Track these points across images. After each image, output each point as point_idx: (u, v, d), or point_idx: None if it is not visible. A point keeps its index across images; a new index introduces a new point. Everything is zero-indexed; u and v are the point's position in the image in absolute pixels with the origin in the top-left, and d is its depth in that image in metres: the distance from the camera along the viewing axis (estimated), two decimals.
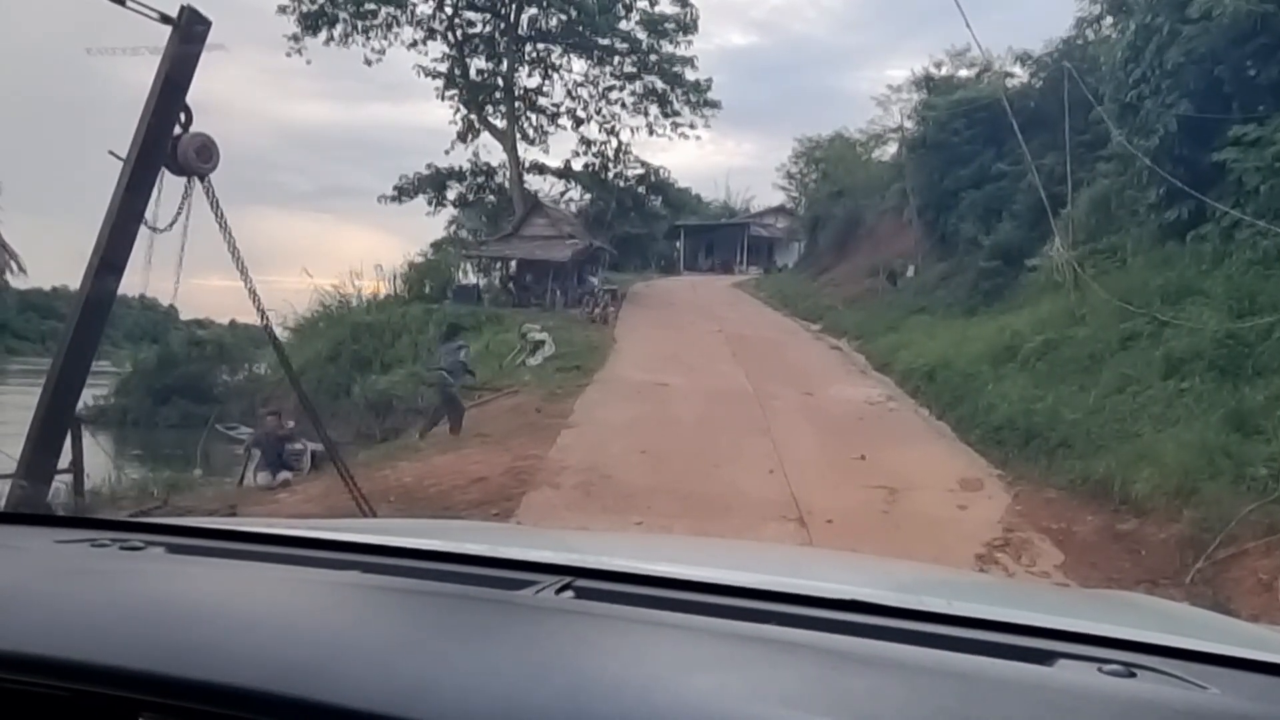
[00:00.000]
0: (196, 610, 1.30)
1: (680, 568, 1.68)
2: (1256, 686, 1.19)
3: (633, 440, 12.79)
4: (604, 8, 34.17)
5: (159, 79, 7.10)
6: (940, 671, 1.16)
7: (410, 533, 2.29)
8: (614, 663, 1.16)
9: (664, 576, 1.56)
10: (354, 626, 1.29)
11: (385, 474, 11.64)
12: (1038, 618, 1.45)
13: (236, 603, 1.37)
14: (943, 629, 1.33)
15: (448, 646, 1.21)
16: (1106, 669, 1.17)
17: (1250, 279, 12.03)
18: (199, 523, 2.05)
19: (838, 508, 9.75)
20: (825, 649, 1.22)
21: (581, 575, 1.52)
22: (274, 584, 1.52)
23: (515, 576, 1.52)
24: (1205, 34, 13.77)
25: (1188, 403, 10.71)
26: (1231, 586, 7.31)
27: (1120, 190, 17.19)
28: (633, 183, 40.49)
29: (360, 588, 1.49)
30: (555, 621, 1.32)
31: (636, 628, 1.29)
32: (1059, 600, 2.71)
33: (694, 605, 1.40)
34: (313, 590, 1.48)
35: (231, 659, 1.09)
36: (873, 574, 2.53)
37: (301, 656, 1.12)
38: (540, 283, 30.55)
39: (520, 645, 1.19)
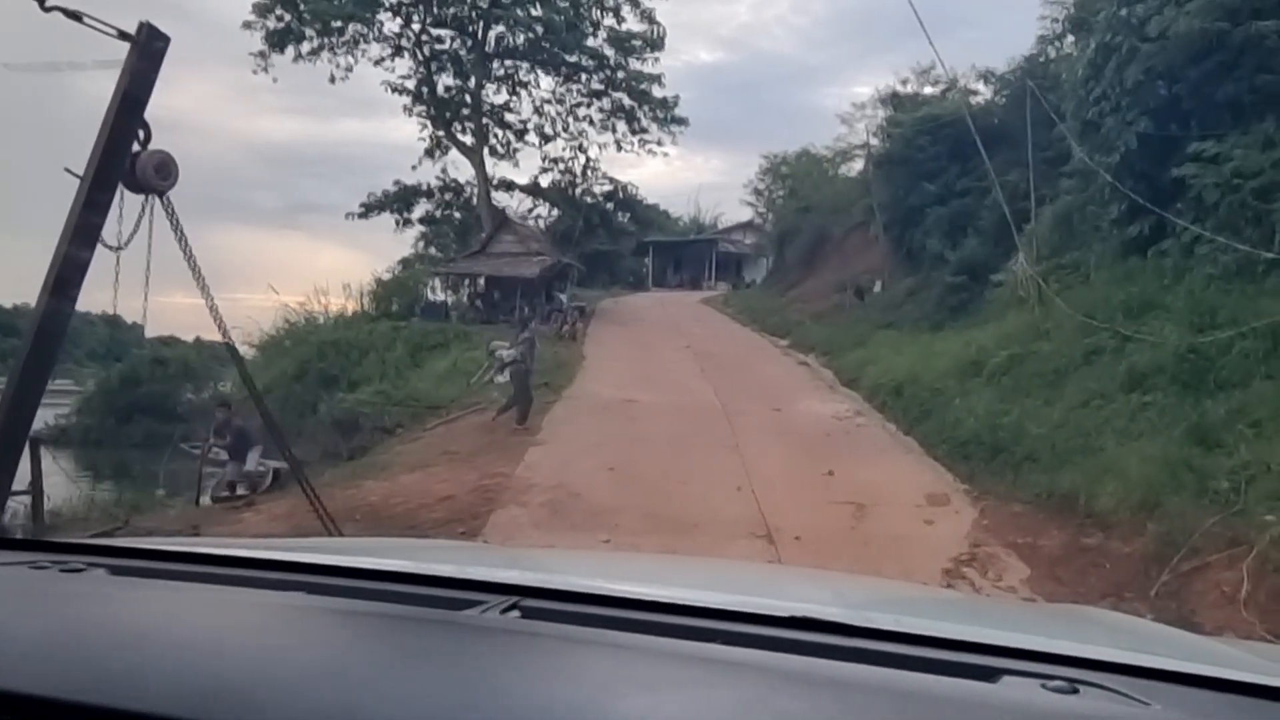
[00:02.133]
0: (131, 635, 1.26)
1: (629, 586, 1.67)
2: (1198, 702, 1.20)
3: (601, 457, 12.72)
4: (571, 25, 34.26)
5: (117, 95, 6.98)
6: (883, 690, 1.16)
7: (362, 552, 2.26)
8: (549, 685, 1.14)
9: (613, 595, 1.55)
10: (290, 650, 1.26)
11: (351, 493, 11.50)
12: (985, 633, 1.44)
13: (173, 626, 1.33)
14: (889, 646, 1.32)
15: (382, 669, 1.18)
16: (1050, 685, 1.17)
17: (1210, 294, 12.19)
18: (143, 543, 1.98)
19: (806, 524, 9.75)
20: (768, 668, 1.21)
21: (530, 595, 1.51)
22: (215, 606, 1.48)
23: (462, 596, 1.50)
24: (1164, 52, 14.01)
25: (1150, 417, 10.81)
26: (1196, 599, 7.36)
27: (1083, 206, 17.42)
28: (601, 199, 40.55)
29: (302, 609, 1.47)
30: (496, 642, 1.30)
31: (579, 648, 1.28)
32: (1010, 615, 2.69)
33: (641, 624, 1.38)
34: (253, 612, 1.45)
35: (159, 686, 1.06)
36: (827, 590, 2.53)
37: (230, 682, 1.08)
38: (508, 299, 30.43)
39: (457, 667, 1.18)
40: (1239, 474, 8.63)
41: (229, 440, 13.58)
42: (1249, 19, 12.89)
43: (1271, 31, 12.65)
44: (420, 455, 13.90)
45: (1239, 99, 13.19)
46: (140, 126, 7.16)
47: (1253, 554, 7.24)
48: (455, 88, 37.11)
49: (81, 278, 7.08)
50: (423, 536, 9.14)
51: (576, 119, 37.93)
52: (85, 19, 6.76)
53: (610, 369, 21.27)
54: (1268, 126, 12.57)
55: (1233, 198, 12.47)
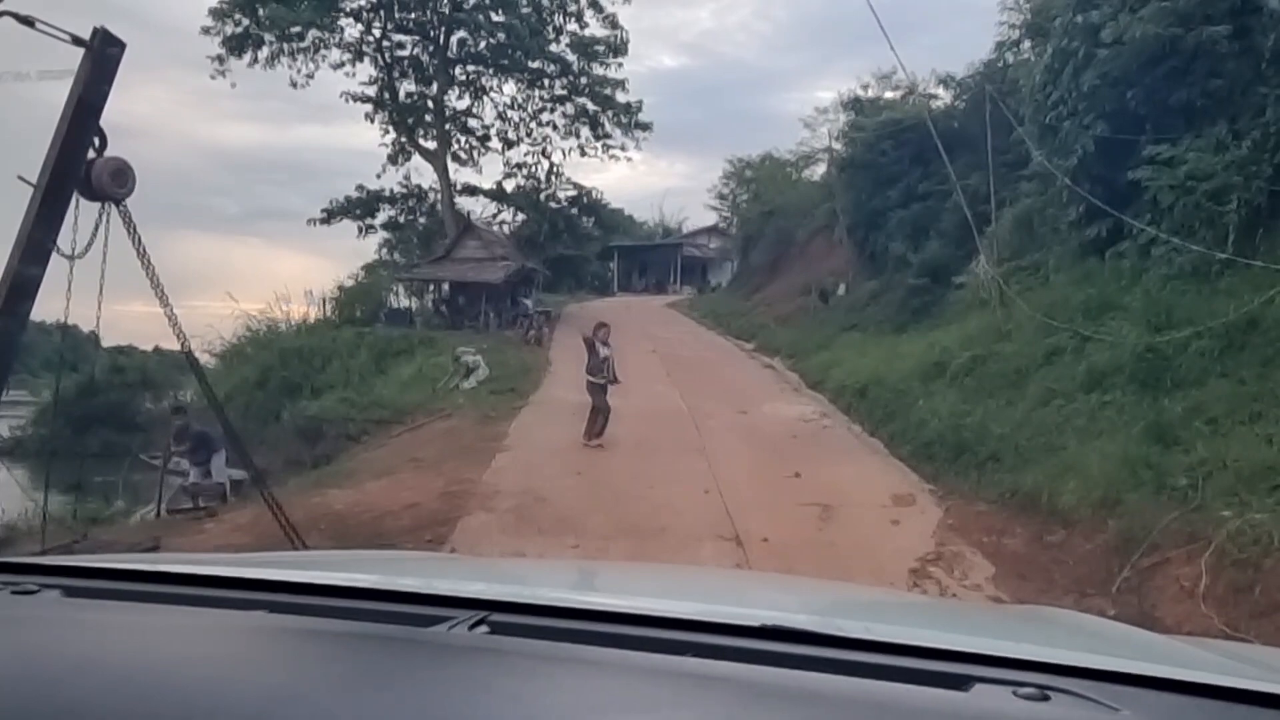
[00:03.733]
0: (86, 661, 1.23)
1: (599, 597, 1.67)
2: (1167, 706, 1.21)
3: (568, 462, 12.70)
4: (534, 31, 34.15)
5: (71, 102, 6.88)
6: (856, 701, 1.16)
7: (327, 566, 2.22)
8: (517, 707, 1.12)
9: (581, 608, 1.53)
10: (250, 673, 1.24)
11: (316, 501, 11.37)
12: (956, 640, 1.44)
13: (130, 651, 1.30)
14: (860, 655, 1.33)
15: (345, 692, 1.16)
16: (1021, 692, 1.18)
17: (1167, 294, 12.38)
18: (100, 562, 1.92)
19: (773, 527, 9.78)
20: (740, 681, 1.20)
21: (496, 609, 1.48)
22: (173, 629, 1.44)
23: (428, 613, 1.48)
24: (1118, 57, 14.22)
25: (1110, 415, 10.96)
26: (1156, 594, 7.48)
27: (1042, 209, 17.65)
28: (565, 204, 40.39)
29: (263, 630, 1.44)
30: (463, 660, 1.29)
31: (547, 665, 1.26)
32: (979, 620, 2.71)
33: (611, 638, 1.37)
34: (213, 635, 1.42)
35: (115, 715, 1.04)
36: (797, 597, 2.53)
37: (189, 710, 1.07)
38: (473, 305, 30.29)
39: (422, 688, 1.15)
40: (1196, 471, 8.77)
41: (189, 448, 13.32)
42: (1201, 24, 13.11)
43: (1222, 36, 12.88)
44: (386, 462, 13.79)
45: (1192, 103, 13.41)
46: (95, 134, 7.06)
47: (1210, 549, 7.35)
48: (417, 93, 36.83)
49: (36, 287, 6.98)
50: (390, 545, 9.07)
51: (540, 124, 37.80)
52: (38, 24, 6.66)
53: (576, 374, 20.98)
54: (1219, 130, 12.78)
55: (1187, 200, 12.65)
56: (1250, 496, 7.92)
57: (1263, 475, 8.10)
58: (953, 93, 26.07)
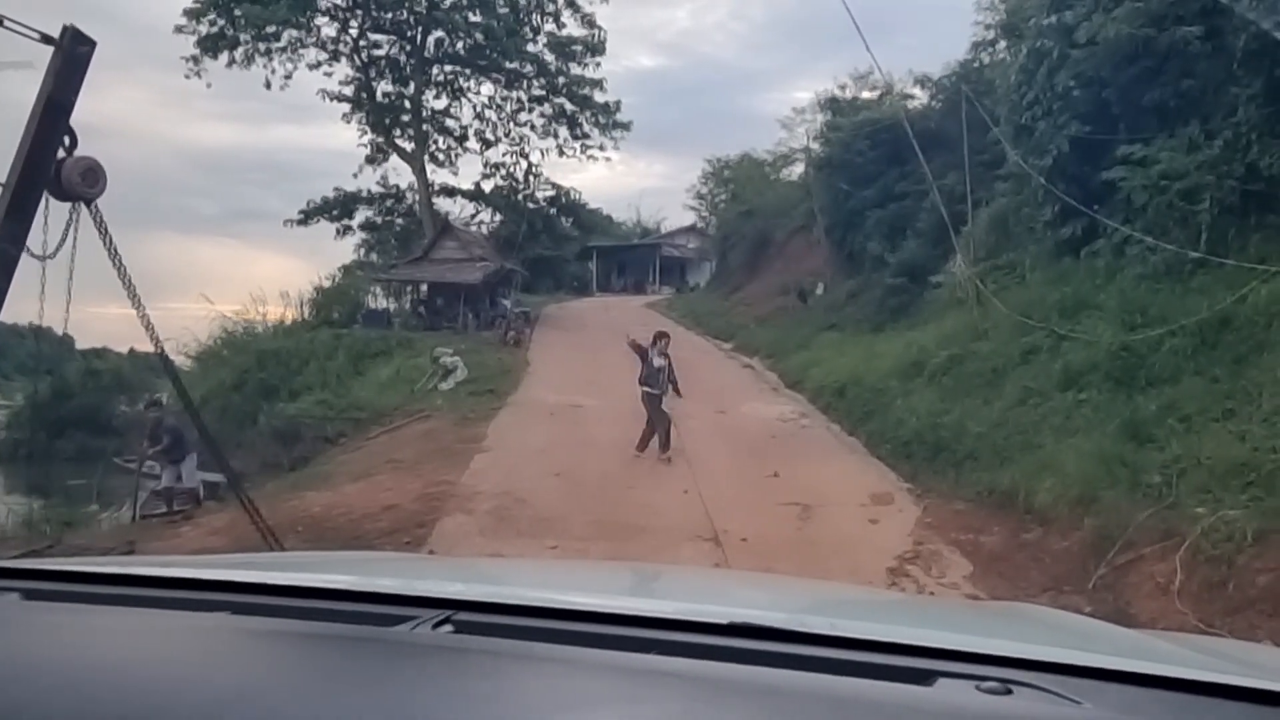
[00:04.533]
0: (42, 664, 1.22)
1: (563, 595, 1.66)
2: (1127, 699, 1.22)
3: (547, 463, 12.66)
4: (511, 31, 34.07)
5: (40, 100, 6.77)
6: (818, 697, 1.16)
7: (295, 567, 2.21)
8: (477, 705, 1.12)
9: (548, 607, 1.54)
10: (209, 674, 1.23)
11: (293, 504, 11.29)
12: (921, 635, 1.45)
13: (88, 654, 1.29)
14: (825, 651, 1.33)
15: (305, 692, 1.16)
16: (984, 687, 1.19)
17: (1141, 293, 12.49)
18: (62, 565, 1.90)
19: (752, 526, 9.79)
20: (703, 678, 1.21)
21: (463, 608, 1.48)
22: (133, 631, 1.44)
23: (393, 612, 1.48)
24: (1092, 58, 14.36)
25: (1086, 413, 11.05)
26: (1131, 591, 7.53)
27: (1017, 209, 17.78)
28: (543, 204, 40.35)
29: (224, 631, 1.43)
30: (426, 660, 1.29)
31: (510, 663, 1.26)
32: (948, 616, 2.73)
33: (576, 636, 1.38)
34: (173, 636, 1.41)
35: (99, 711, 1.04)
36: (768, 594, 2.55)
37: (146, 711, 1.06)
38: (452, 306, 30.15)
39: (383, 687, 1.15)
40: (1170, 468, 8.85)
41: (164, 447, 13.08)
42: (1173, 24, 13.24)
43: (1194, 37, 13.01)
44: (364, 464, 13.71)
45: (1165, 103, 13.54)
46: (65, 132, 6.96)
47: (1185, 546, 7.42)
48: (394, 94, 36.69)
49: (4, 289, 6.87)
50: (367, 547, 9.01)
51: (518, 125, 37.78)
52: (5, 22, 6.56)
53: (555, 374, 21.18)
54: (1192, 130, 12.91)
55: (1160, 199, 12.77)
56: (1223, 493, 8.00)
57: (1236, 472, 8.18)
58: (929, 93, 26.23)
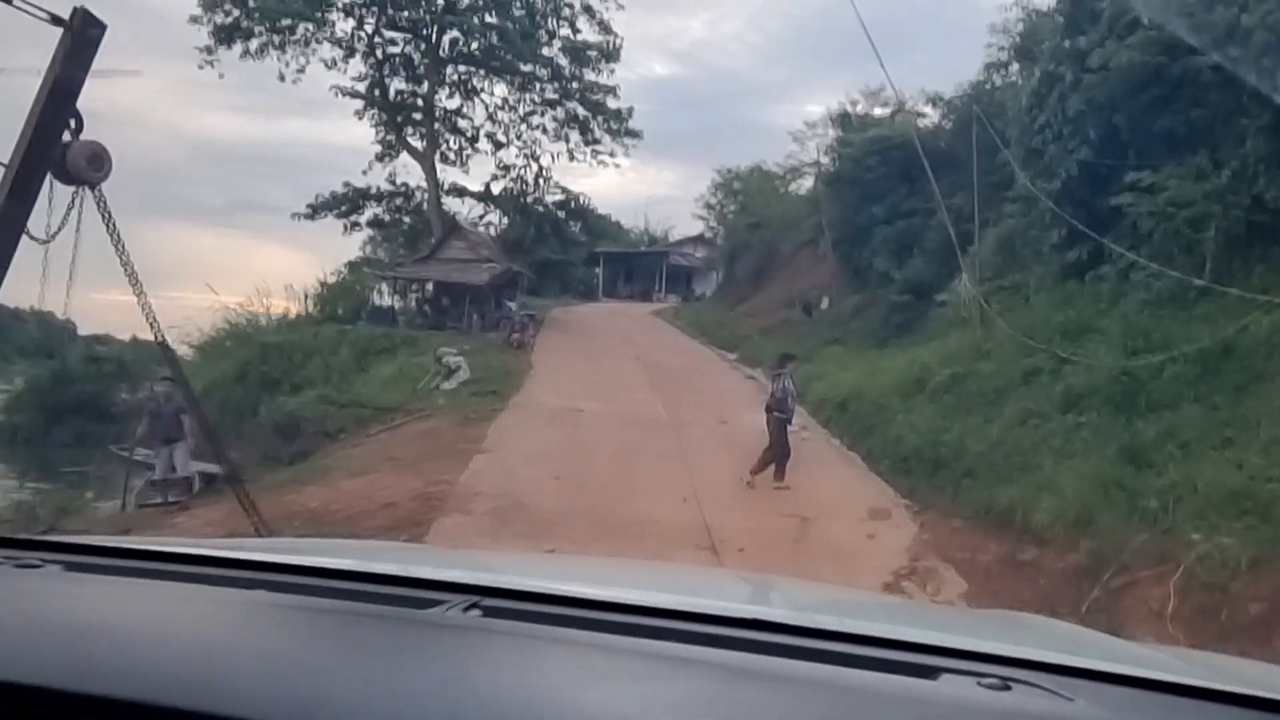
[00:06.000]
0: (100, 627, 1.27)
1: (586, 587, 1.70)
2: (1117, 698, 1.29)
3: (547, 466, 12.69)
4: (526, 34, 34.14)
5: (47, 82, 6.70)
6: (828, 685, 1.22)
7: (320, 552, 2.27)
8: (511, 679, 1.18)
9: (570, 596, 1.58)
10: (257, 643, 1.30)
11: (291, 498, 11.33)
12: (924, 634, 1.51)
13: (139, 620, 1.35)
14: (834, 645, 1.38)
15: (348, 663, 1.22)
16: (985, 683, 1.25)
17: (1144, 318, 12.52)
18: (97, 541, 1.93)
19: (749, 536, 9.83)
20: (719, 664, 1.26)
21: (489, 594, 1.53)
22: (178, 602, 1.49)
23: (423, 596, 1.52)
24: (1104, 84, 14.40)
25: (1085, 436, 11.07)
26: (1125, 614, 7.55)
27: (1024, 230, 17.80)
28: (552, 208, 40.34)
29: (266, 606, 1.48)
30: (457, 639, 1.35)
31: (537, 644, 1.32)
32: (947, 619, 2.83)
33: (598, 623, 1.42)
34: (216, 608, 1.47)
35: (135, 675, 1.08)
36: (775, 593, 2.62)
37: (203, 672, 1.11)
38: (457, 306, 30.20)
39: (420, 661, 1.23)
40: (1168, 493, 8.87)
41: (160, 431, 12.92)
42: (1185, 54, 13.28)
43: (1206, 67, 13.05)
44: (363, 461, 13.74)
45: (1175, 131, 13.58)
46: (72, 115, 6.91)
47: (1180, 571, 7.45)
48: (407, 92, 36.73)
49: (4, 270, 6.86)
50: None
51: (530, 127, 37.74)
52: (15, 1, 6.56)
53: (558, 378, 21.23)
54: (1200, 159, 12.95)
55: (1166, 226, 12.81)
56: (1219, 520, 8.02)
57: (1232, 500, 8.20)
58: (940, 112, 26.29)
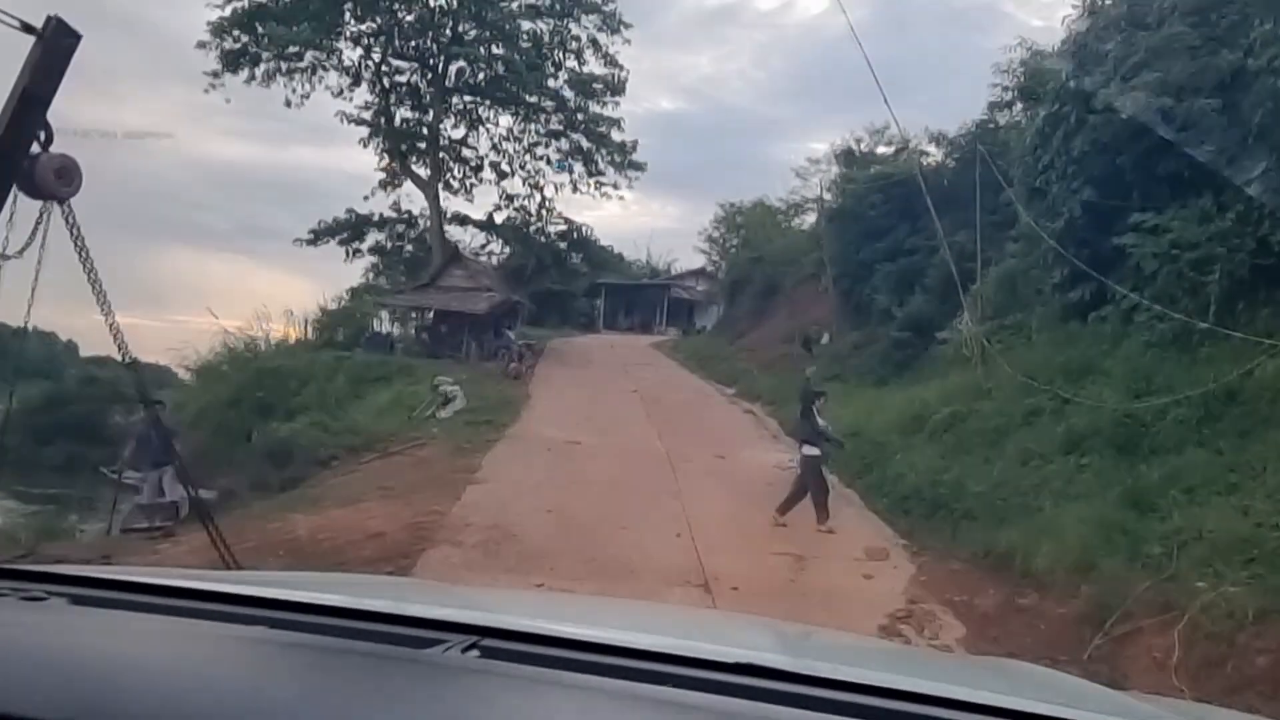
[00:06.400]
0: (104, 663, 1.28)
1: (585, 629, 1.72)
2: None
3: (540, 499, 12.50)
4: (532, 65, 34.36)
5: (16, 92, 6.50)
6: None
7: (318, 587, 2.29)
8: None
9: (568, 638, 1.59)
10: (263, 683, 1.30)
11: (277, 526, 11.12)
12: (919, 684, 1.50)
13: (140, 656, 1.36)
14: (828, 693, 1.39)
15: (350, 703, 1.23)
16: None
17: (1147, 360, 12.39)
18: (102, 573, 1.93)
19: (744, 574, 9.62)
20: (715, 711, 1.28)
21: (488, 635, 1.55)
22: (179, 638, 1.51)
23: (422, 635, 1.54)
24: (1109, 124, 14.35)
25: (1087, 479, 10.90)
26: (1128, 664, 7.34)
27: (1027, 270, 17.71)
28: (555, 239, 40.45)
29: (268, 644, 1.49)
30: (459, 681, 1.37)
31: (538, 688, 1.33)
32: (944, 668, 2.81)
33: (596, 666, 1.43)
34: (218, 645, 1.48)
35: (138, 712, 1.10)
36: (771, 636, 2.62)
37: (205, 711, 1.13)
38: (456, 334, 30.11)
39: (421, 702, 1.25)
40: (1171, 539, 8.69)
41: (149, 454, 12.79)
42: (1191, 96, 13.25)
43: (1211, 110, 13.01)
44: (354, 489, 13.53)
45: (1180, 173, 13.48)
46: (41, 127, 6.69)
47: (1184, 620, 7.24)
48: (413, 120, 36.98)
49: None
50: None
51: (534, 158, 37.95)
52: None
53: (556, 409, 21.06)
54: (1205, 201, 12.85)
55: (1170, 268, 12.70)
56: (1225, 568, 7.84)
57: (1238, 547, 8.02)
58: (943, 150, 26.33)
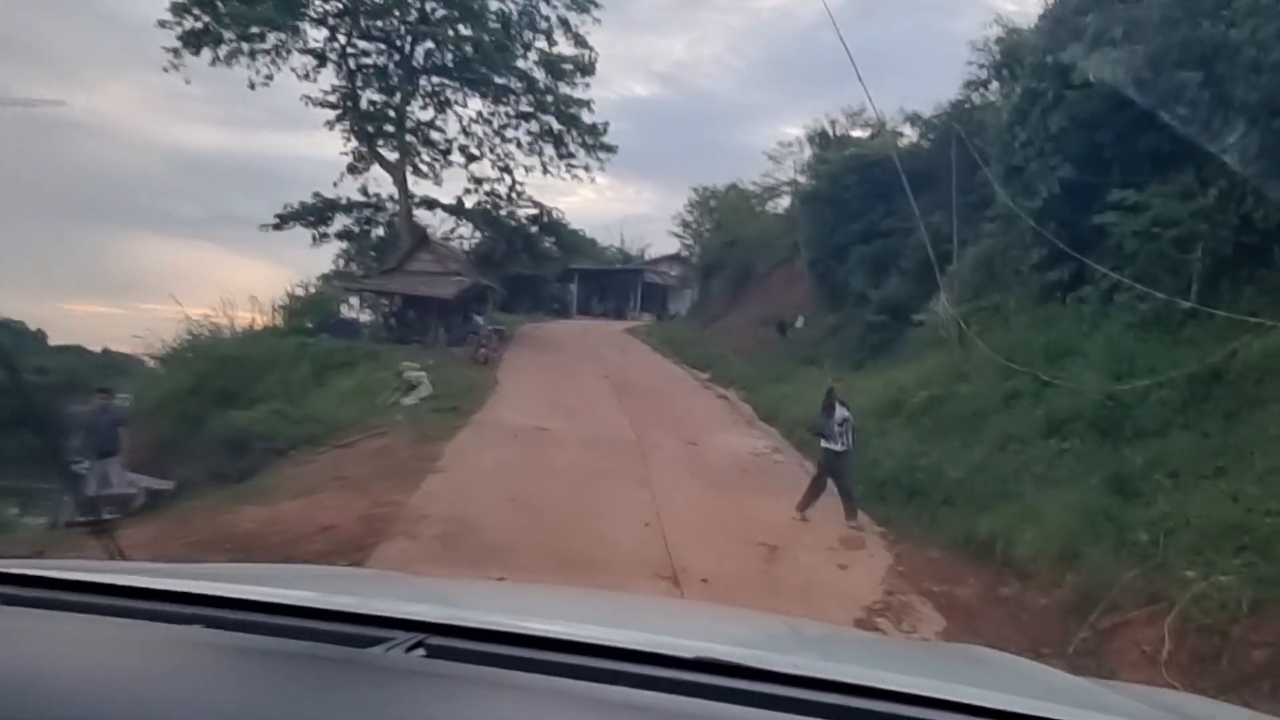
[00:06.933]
0: (28, 671, 1.21)
1: (536, 623, 1.62)
2: None
3: (504, 488, 12.02)
4: (501, 46, 33.61)
5: None
6: None
7: (263, 580, 2.18)
8: None
9: (519, 633, 1.53)
10: (186, 689, 1.23)
11: (227, 519, 10.60)
12: (881, 678, 1.46)
13: (61, 663, 1.27)
14: (787, 690, 1.36)
15: (284, 710, 1.18)
16: None
17: (1129, 341, 12.07)
18: (24, 568, 1.74)
19: (714, 566, 9.22)
20: (667, 711, 1.25)
21: (434, 631, 1.50)
22: (106, 641, 1.42)
23: (365, 633, 1.49)
24: (1087, 100, 14.00)
25: (1069, 463, 10.58)
26: (1115, 658, 6.99)
27: (1004, 250, 17.38)
28: (525, 223, 39.73)
29: (199, 645, 1.43)
30: (401, 684, 1.29)
31: (483, 690, 1.30)
32: (911, 658, 2.72)
33: (547, 665, 1.39)
34: (148, 648, 1.39)
35: None
36: (734, 628, 2.57)
37: None
38: (424, 320, 29.49)
39: (358, 709, 1.18)
40: (1158, 526, 8.37)
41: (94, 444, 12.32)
42: (1172, 69, 12.90)
43: (1192, 83, 12.67)
44: (310, 480, 12.98)
45: (1160, 149, 13.16)
46: None
47: (1174, 612, 6.90)
48: (380, 103, 36.05)
49: None
50: None
51: (503, 140, 37.11)
52: None
53: (524, 395, 20.57)
54: (1187, 177, 12.54)
55: (1151, 246, 12.38)
56: (1215, 557, 7.50)
57: (1228, 534, 7.69)
58: (919, 131, 25.93)
